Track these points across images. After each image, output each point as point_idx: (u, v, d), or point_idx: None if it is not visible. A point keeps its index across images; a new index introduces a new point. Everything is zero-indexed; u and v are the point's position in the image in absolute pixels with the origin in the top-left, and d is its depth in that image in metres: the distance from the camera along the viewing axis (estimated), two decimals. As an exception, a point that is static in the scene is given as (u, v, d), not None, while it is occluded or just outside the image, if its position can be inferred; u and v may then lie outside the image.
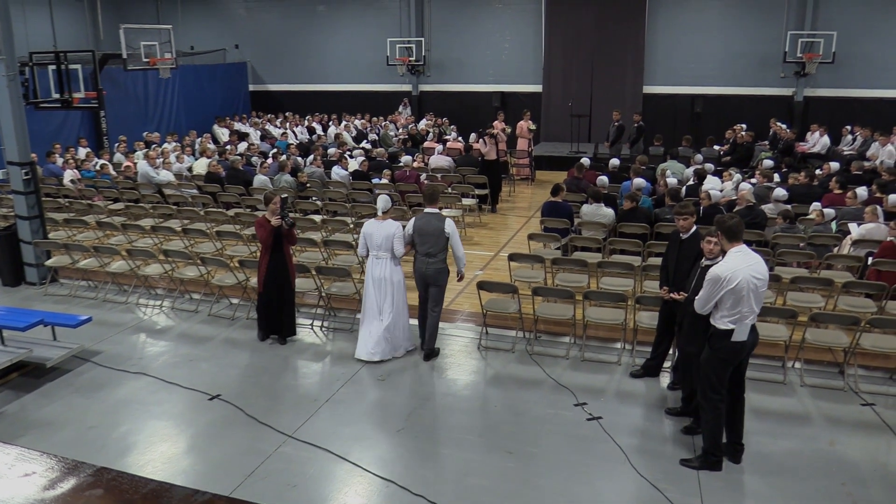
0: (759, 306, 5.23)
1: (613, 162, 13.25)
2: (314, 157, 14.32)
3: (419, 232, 7.23)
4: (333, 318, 8.57)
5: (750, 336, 5.24)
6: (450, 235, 7.16)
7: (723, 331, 5.23)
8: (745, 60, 19.57)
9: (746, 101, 19.62)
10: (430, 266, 7.21)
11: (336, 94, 23.51)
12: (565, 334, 7.84)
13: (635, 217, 9.78)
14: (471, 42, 22.02)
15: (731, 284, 5.10)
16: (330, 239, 9.98)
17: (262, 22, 23.96)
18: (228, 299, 9.14)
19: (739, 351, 5.25)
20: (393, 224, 7.31)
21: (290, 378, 7.11)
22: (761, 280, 5.15)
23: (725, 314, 5.20)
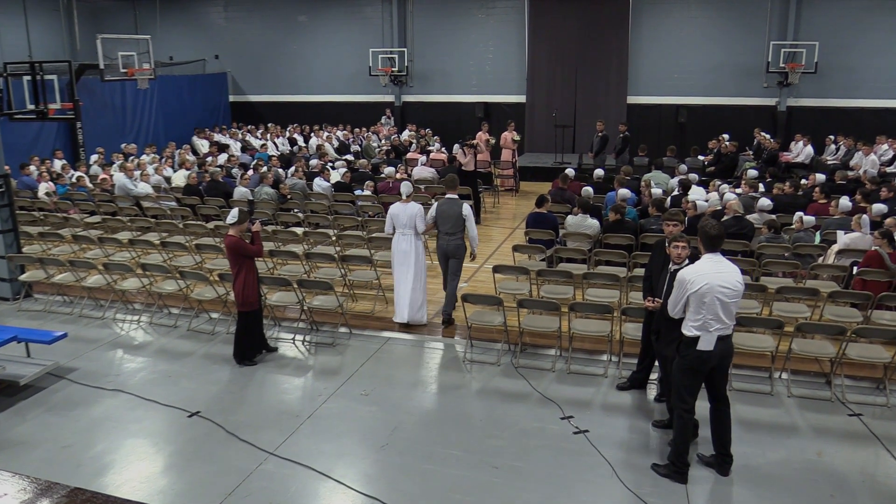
0: (730, 317, 5.21)
1: (598, 172, 13.35)
2: (296, 169, 14.29)
3: (441, 214, 8.65)
4: (316, 332, 8.53)
5: (718, 347, 5.22)
6: (466, 217, 8.60)
7: (689, 337, 5.27)
8: (728, 70, 19.81)
9: (730, 111, 19.85)
10: (450, 243, 8.63)
11: (318, 104, 23.50)
12: (551, 347, 7.84)
13: (621, 228, 9.83)
14: (454, 52, 22.12)
15: (693, 287, 5.16)
16: (312, 251, 9.94)
17: (242, 32, 23.95)
18: (208, 314, 9.07)
19: (705, 360, 5.25)
20: (415, 206, 8.72)
21: (272, 394, 7.05)
22: (730, 290, 5.15)
23: (691, 319, 5.25)
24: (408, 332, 8.52)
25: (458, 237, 8.64)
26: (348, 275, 9.62)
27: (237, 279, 7.44)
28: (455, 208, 8.63)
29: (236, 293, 7.48)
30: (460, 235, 8.66)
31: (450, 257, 8.72)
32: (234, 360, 7.70)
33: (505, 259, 10.73)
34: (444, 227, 8.66)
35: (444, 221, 8.65)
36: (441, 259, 8.80)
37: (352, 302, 9.47)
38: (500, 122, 20.16)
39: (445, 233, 8.66)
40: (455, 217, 8.61)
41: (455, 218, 8.60)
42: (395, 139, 19.75)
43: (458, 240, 8.65)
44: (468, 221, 8.62)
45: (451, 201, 8.69)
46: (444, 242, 8.69)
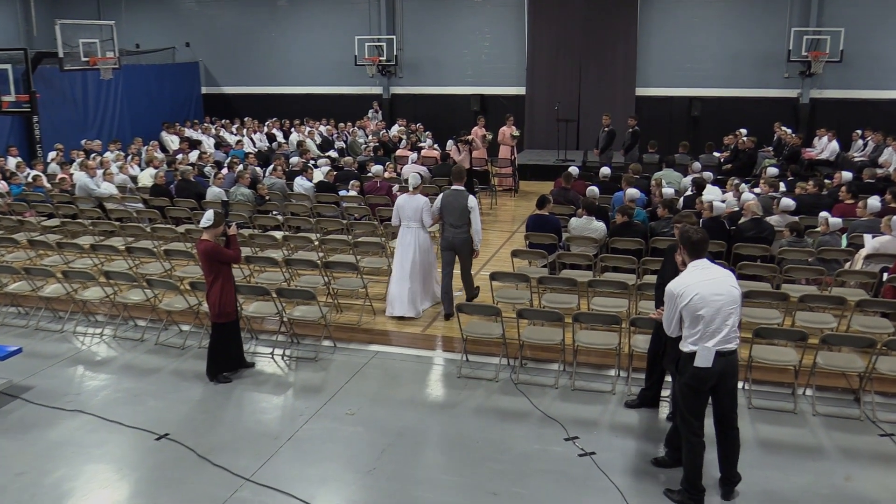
0: (731, 329, 5.20)
1: (604, 171, 13.36)
2: (274, 167, 14.27)
3: (446, 206, 9.13)
4: (297, 346, 8.50)
5: (718, 363, 5.19)
6: (472, 210, 8.99)
7: (686, 353, 5.28)
8: (745, 60, 19.90)
9: (748, 104, 19.93)
10: (456, 236, 9.09)
11: (299, 97, 23.51)
12: (554, 361, 7.83)
13: (629, 231, 9.84)
14: (447, 40, 22.17)
15: (684, 301, 5.16)
16: (292, 258, 9.91)
17: (215, 17, 23.95)
18: (178, 326, 9.03)
19: (703, 379, 5.23)
20: (422, 198, 9.27)
21: (248, 414, 7.02)
22: (723, 297, 5.15)
23: (687, 335, 5.26)
24: (398, 345, 8.51)
25: (463, 230, 9.07)
26: (332, 283, 9.61)
27: (212, 288, 7.41)
28: (460, 200, 9.05)
29: (211, 303, 7.45)
30: (466, 228, 9.07)
31: (456, 251, 9.18)
32: (206, 376, 7.66)
33: (503, 265, 10.72)
34: (448, 219, 9.15)
35: (449, 213, 9.12)
36: (445, 252, 9.24)
37: (336, 313, 9.45)
38: (497, 116, 20.18)
39: (450, 225, 9.14)
40: (460, 209, 9.02)
41: (460, 210, 9.03)
42: (383, 135, 19.76)
43: (463, 233, 9.08)
44: (473, 214, 9.00)
45: (457, 193, 9.11)
46: (449, 235, 9.18)
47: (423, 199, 9.32)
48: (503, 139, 17.16)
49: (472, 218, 9.04)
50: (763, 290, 8.44)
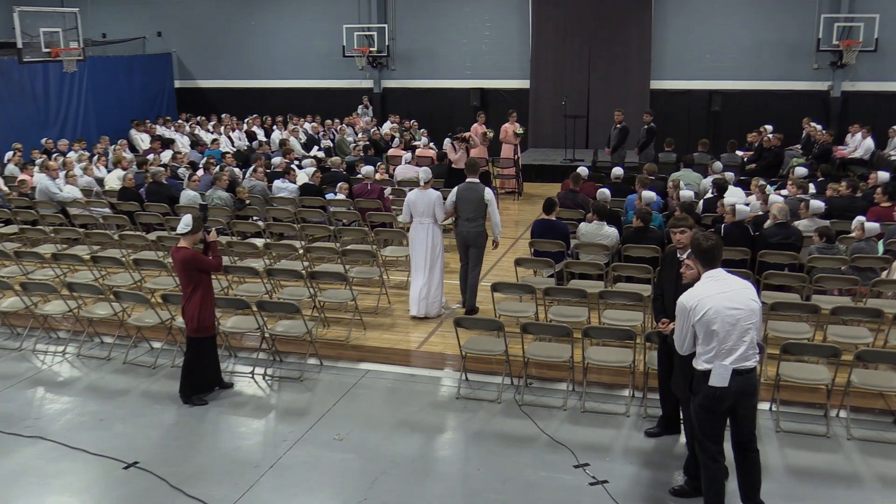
0: (750, 346, 5.20)
1: (616, 171, 13.38)
2: (255, 169, 14.27)
3: (461, 199, 9.59)
4: (279, 364, 8.49)
5: (735, 382, 5.20)
6: (489, 202, 9.50)
7: (700, 372, 5.28)
8: (771, 50, 19.94)
9: (774, 98, 19.97)
10: (471, 230, 9.54)
11: (281, 91, 23.52)
12: (561, 380, 7.82)
13: (644, 238, 9.85)
14: (444, 29, 22.22)
15: (697, 315, 5.17)
16: (274, 268, 9.91)
17: (190, 4, 23.99)
18: (148, 343, 9.01)
19: (719, 399, 5.23)
20: (434, 192, 9.66)
21: (226, 440, 7.00)
22: (741, 311, 5.15)
23: (701, 352, 5.26)
24: (391, 363, 8.50)
25: (478, 224, 9.57)
26: (318, 295, 9.60)
27: (191, 299, 7.41)
28: (476, 193, 9.56)
29: (189, 316, 7.44)
30: (481, 222, 9.59)
31: (469, 245, 9.65)
32: (180, 397, 7.64)
33: (506, 275, 10.71)
34: (464, 213, 9.60)
35: (465, 207, 9.58)
36: (460, 247, 9.75)
37: (323, 328, 9.44)
38: (499, 112, 20.20)
39: (465, 219, 9.59)
40: (476, 202, 9.52)
41: (476, 203, 9.52)
42: (374, 132, 19.78)
43: (478, 227, 9.58)
44: (490, 206, 9.55)
45: (472, 185, 9.65)
46: (463, 229, 9.63)
47: (436, 193, 9.72)
48: (505, 137, 17.18)
49: (490, 211, 9.57)
50: (791, 302, 8.44)
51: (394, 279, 11.18)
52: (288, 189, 13.44)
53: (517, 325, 7.82)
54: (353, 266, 10.59)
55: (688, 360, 5.45)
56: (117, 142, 18.13)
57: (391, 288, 10.71)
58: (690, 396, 5.49)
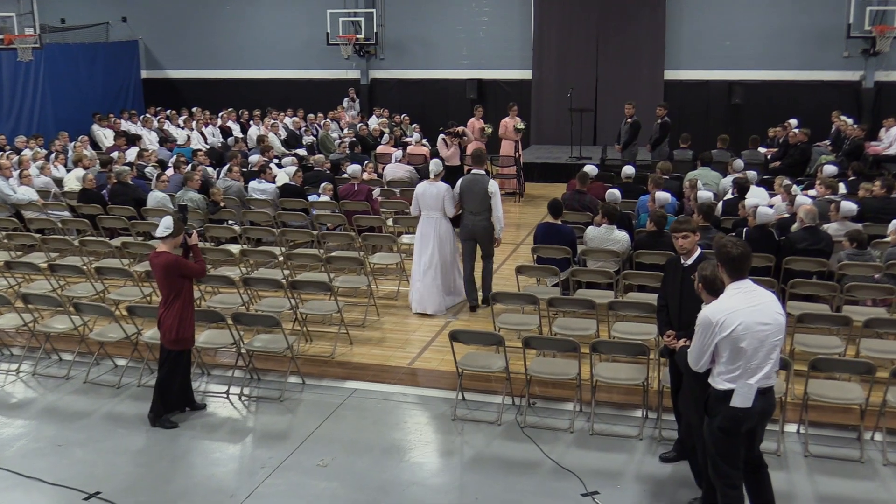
0: (772, 362, 5.22)
1: (627, 170, 13.38)
2: (230, 168, 14.25)
3: (465, 191, 10.11)
4: (257, 382, 8.47)
5: (758, 403, 5.22)
6: (492, 195, 9.96)
7: (719, 392, 5.26)
8: (797, 36, 19.99)
9: (800, 89, 20.03)
10: (476, 224, 10.10)
11: (259, 83, 23.55)
12: (568, 399, 7.82)
13: (658, 243, 9.84)
14: (438, 15, 22.26)
15: (724, 331, 5.13)
16: (252, 276, 9.90)
17: (158, -12, 24.03)
18: (112, 360, 8.98)
19: (741, 420, 5.25)
20: (443, 185, 10.17)
21: (199, 467, 6.98)
22: (770, 326, 5.15)
23: (722, 370, 5.24)
24: (381, 381, 8.48)
25: (484, 217, 10.08)
26: (300, 307, 9.58)
27: (170, 308, 7.40)
28: (480, 185, 10.03)
29: (167, 326, 7.42)
30: (487, 216, 10.07)
31: (477, 240, 10.21)
32: (148, 417, 7.61)
33: (506, 284, 10.71)
34: (468, 205, 10.15)
35: (469, 200, 10.12)
36: (466, 241, 10.30)
37: (305, 342, 9.43)
38: (498, 105, 20.25)
39: (470, 212, 10.14)
40: (481, 195, 10.00)
41: (481, 196, 10.00)
42: (361, 128, 19.79)
43: (484, 220, 10.09)
44: (494, 199, 9.98)
45: (476, 177, 10.16)
46: (469, 223, 10.19)
47: (445, 185, 10.19)
48: (505, 133, 17.20)
49: (493, 203, 9.98)
50: (820, 314, 8.44)
51: (383, 289, 11.17)
52: (266, 190, 13.42)
53: (518, 340, 7.82)
54: (338, 275, 10.58)
55: (702, 377, 5.45)
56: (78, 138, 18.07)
57: (380, 299, 10.70)
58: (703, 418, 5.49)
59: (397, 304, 10.67)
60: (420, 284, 10.22)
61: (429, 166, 10.44)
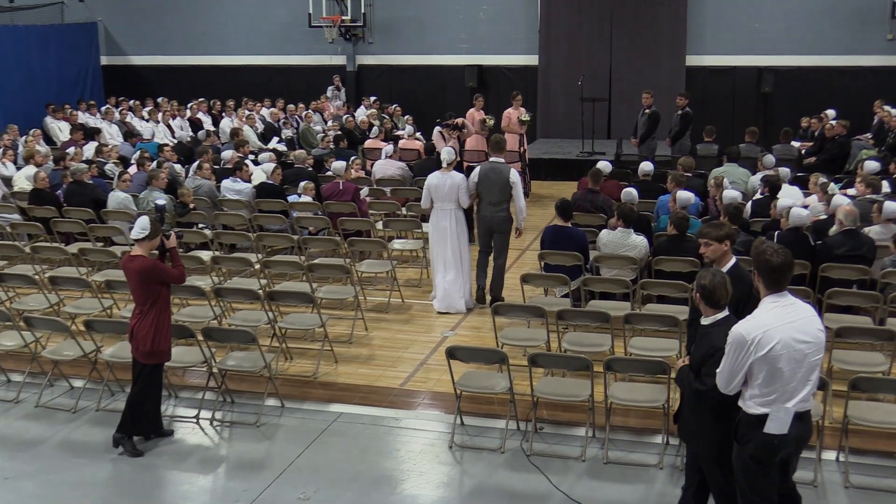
0: (811, 384, 5.19)
1: (645, 167, 13.40)
2: (200, 165, 14.24)
3: (483, 181, 10.56)
4: (231, 406, 8.45)
5: (795, 428, 5.18)
6: (513, 185, 10.43)
7: (751, 417, 5.21)
8: (834, 17, 20.01)
9: (838, 76, 20.06)
10: (495, 215, 10.55)
11: (233, 70, 23.55)
12: (579, 424, 7.81)
13: (680, 248, 9.84)
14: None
15: (761, 350, 5.07)
16: (224, 287, 9.88)
17: (120, -36, 24.04)
18: (68, 381, 8.96)
19: (776, 449, 5.21)
20: (458, 175, 10.69)
21: (166, 500, 6.95)
22: (810, 344, 5.12)
23: (756, 393, 5.18)
24: (369, 403, 8.46)
25: (503, 208, 10.58)
26: (279, 320, 9.57)
27: (146, 317, 7.38)
28: (500, 174, 10.49)
29: (141, 337, 7.37)
30: (506, 206, 10.59)
31: (494, 232, 10.65)
32: (114, 438, 7.57)
33: (511, 295, 10.72)
34: (487, 196, 10.57)
35: (488, 190, 10.53)
36: (483, 234, 10.78)
37: (284, 360, 9.41)
38: (501, 94, 20.26)
39: (489, 203, 10.57)
40: (501, 184, 10.46)
41: (501, 185, 10.46)
42: (347, 120, 19.78)
43: (503, 211, 10.59)
44: (515, 189, 10.47)
45: (496, 166, 10.64)
46: (487, 214, 10.63)
47: (459, 175, 10.73)
48: (509, 125, 17.18)
49: (514, 194, 10.49)
50: (861, 327, 8.43)
51: (372, 301, 11.17)
52: (241, 190, 13.40)
53: (524, 357, 7.80)
54: (321, 284, 10.56)
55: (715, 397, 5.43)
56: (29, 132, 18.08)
57: (369, 312, 10.70)
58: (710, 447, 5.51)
59: (388, 318, 10.66)
60: (444, 281, 10.71)
61: (442, 153, 10.82)
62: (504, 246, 10.76)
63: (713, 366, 5.40)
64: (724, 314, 5.59)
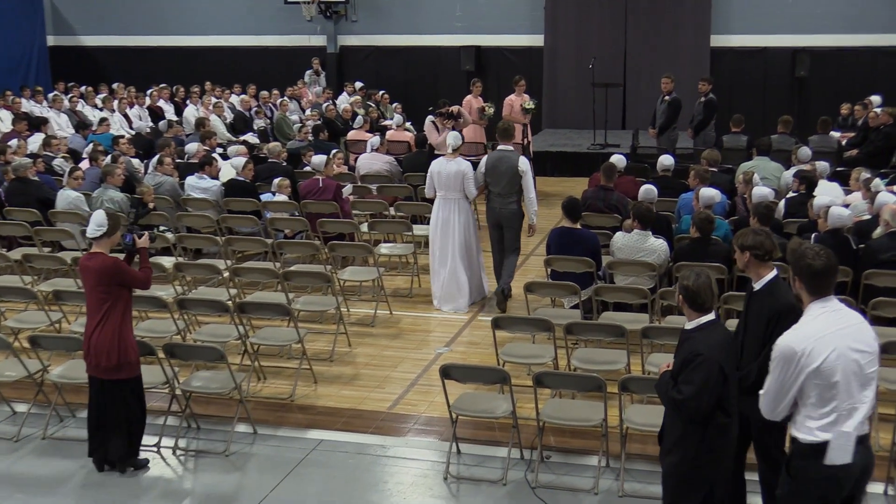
0: (868, 401, 5.07)
1: (665, 161, 13.41)
2: (161, 159, 14.23)
3: (491, 170, 10.92)
4: (196, 432, 8.45)
5: (858, 454, 5.04)
6: (523, 175, 10.75)
7: (807, 447, 5.05)
8: (878, -9, 20.07)
9: (883, 59, 20.07)
10: (504, 207, 10.92)
11: (199, 52, 23.55)
12: (591, 452, 7.81)
13: (704, 253, 9.85)
14: (424, -36, 22.32)
15: (813, 363, 4.93)
16: (189, 297, 9.87)
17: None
18: (9, 405, 8.95)
19: (841, 482, 5.06)
20: (464, 162, 11.02)
21: (120, 539, 6.96)
22: (866, 354, 5.02)
23: (811, 415, 5.02)
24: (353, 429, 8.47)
25: (513, 200, 10.93)
26: (251, 335, 9.56)
27: (105, 325, 7.35)
28: (509, 163, 10.82)
29: (104, 351, 7.31)
30: (516, 198, 10.93)
31: (503, 227, 11.02)
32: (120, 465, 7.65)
33: (514, 306, 10.72)
34: (495, 186, 10.96)
35: (496, 180, 10.91)
36: (492, 229, 11.17)
37: (257, 381, 9.41)
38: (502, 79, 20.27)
39: (498, 194, 10.96)
40: (510, 174, 10.80)
41: (510, 175, 10.80)
42: (328, 108, 19.78)
43: (513, 204, 10.94)
44: (525, 179, 10.83)
45: (504, 154, 10.96)
46: (496, 206, 11.01)
47: (466, 163, 11.08)
48: (511, 114, 17.19)
49: (524, 184, 10.86)
50: (911, 341, 8.45)
51: (357, 313, 11.17)
52: (208, 188, 13.39)
53: (528, 376, 7.81)
54: (299, 295, 10.56)
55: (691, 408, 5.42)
56: (-34, 123, 18.11)
57: (353, 325, 10.69)
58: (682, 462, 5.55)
59: (374, 332, 10.67)
60: (441, 277, 11.14)
61: (448, 138, 11.21)
62: (515, 241, 11.12)
63: (692, 372, 5.42)
64: (708, 317, 5.63)
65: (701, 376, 5.46)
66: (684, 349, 5.64)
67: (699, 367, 5.41)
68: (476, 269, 11.39)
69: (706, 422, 5.47)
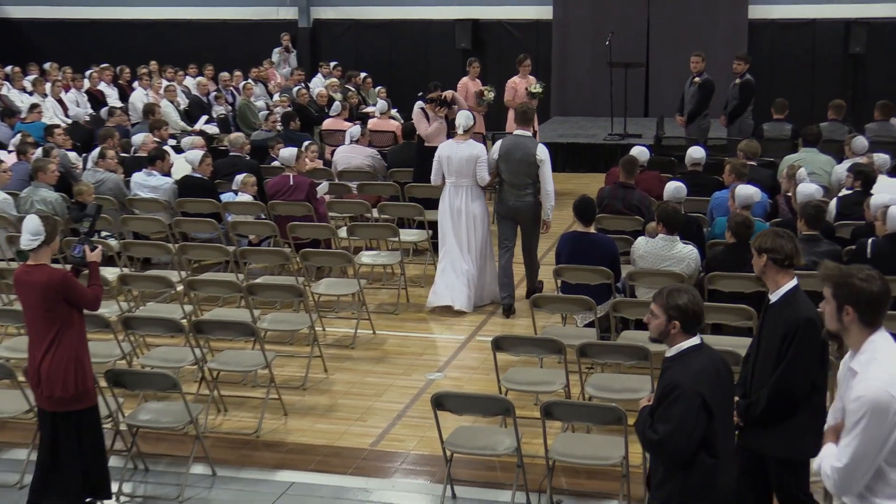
0: None
1: (694, 153, 13.42)
2: (103, 153, 14.24)
3: (505, 156, 11.28)
4: (144, 474, 8.44)
5: None
6: (541, 164, 11.13)
7: None
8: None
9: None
10: (519, 199, 11.32)
11: (148, 26, 23.58)
12: (610, 495, 7.84)
13: (741, 260, 9.85)
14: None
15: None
16: (136, 315, 9.88)
17: None
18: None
19: None
20: (476, 145, 11.53)
21: None
22: None
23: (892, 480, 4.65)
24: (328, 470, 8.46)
25: (529, 192, 11.33)
26: (209, 360, 9.57)
27: (59, 351, 7.31)
28: (526, 150, 11.23)
29: (59, 379, 7.26)
30: (533, 191, 11.32)
31: (519, 221, 11.50)
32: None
33: (518, 324, 10.73)
34: (509, 176, 11.32)
35: (510, 168, 11.29)
36: (504, 222, 11.68)
37: (217, 413, 9.42)
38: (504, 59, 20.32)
39: (511, 185, 11.32)
40: (527, 162, 11.19)
41: (526, 164, 11.19)
42: (299, 93, 19.81)
43: (530, 196, 11.35)
44: (542, 169, 11.18)
45: (520, 139, 11.40)
46: (510, 198, 11.42)
47: (479, 146, 11.65)
48: (514, 99, 17.24)
49: (541, 175, 11.22)
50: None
51: (334, 332, 11.18)
52: (159, 186, 13.39)
53: (535, 406, 7.83)
54: (266, 312, 10.57)
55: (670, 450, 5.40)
56: None
57: (329, 347, 10.70)
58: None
59: (354, 356, 10.66)
60: (446, 271, 11.55)
61: (458, 118, 11.71)
62: (533, 236, 11.63)
63: (670, 406, 5.35)
64: (692, 342, 5.58)
65: (678, 411, 5.36)
66: (662, 381, 5.60)
67: (676, 400, 5.34)
68: (488, 265, 11.81)
69: (688, 465, 5.42)
